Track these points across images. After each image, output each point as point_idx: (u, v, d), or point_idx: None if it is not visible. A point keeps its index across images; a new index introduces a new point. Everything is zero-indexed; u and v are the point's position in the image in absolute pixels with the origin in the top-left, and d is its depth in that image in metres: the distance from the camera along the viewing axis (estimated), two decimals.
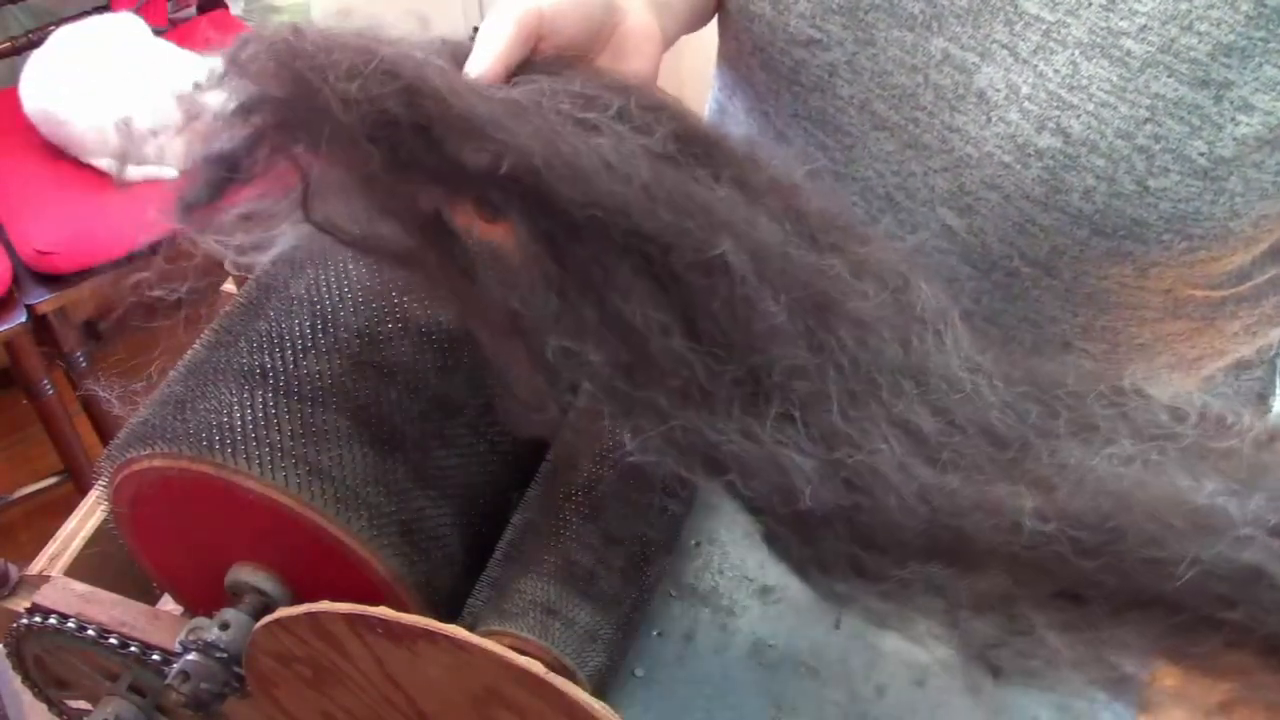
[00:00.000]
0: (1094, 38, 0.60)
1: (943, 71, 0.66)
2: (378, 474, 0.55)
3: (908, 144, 0.69)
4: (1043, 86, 0.62)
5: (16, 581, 0.65)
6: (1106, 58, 0.60)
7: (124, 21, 1.73)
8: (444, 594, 0.58)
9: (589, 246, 0.45)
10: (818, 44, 0.69)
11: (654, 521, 0.60)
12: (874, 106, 0.69)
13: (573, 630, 0.55)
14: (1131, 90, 0.60)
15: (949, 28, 0.65)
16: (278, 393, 0.56)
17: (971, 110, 0.65)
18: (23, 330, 1.62)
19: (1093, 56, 0.61)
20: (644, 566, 0.59)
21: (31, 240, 1.62)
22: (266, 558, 0.58)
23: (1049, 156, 0.62)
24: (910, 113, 0.68)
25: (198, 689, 0.56)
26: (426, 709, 0.55)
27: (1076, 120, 0.61)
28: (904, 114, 0.68)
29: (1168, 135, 0.60)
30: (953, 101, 0.66)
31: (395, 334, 0.59)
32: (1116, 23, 0.60)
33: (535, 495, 0.61)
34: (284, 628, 0.53)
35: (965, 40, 0.64)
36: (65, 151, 1.71)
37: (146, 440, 0.57)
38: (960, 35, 0.65)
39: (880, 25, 0.66)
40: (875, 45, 0.67)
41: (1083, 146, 0.61)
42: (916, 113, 0.67)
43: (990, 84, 0.64)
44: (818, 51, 0.69)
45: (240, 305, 0.63)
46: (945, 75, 0.66)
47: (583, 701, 0.49)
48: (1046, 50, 0.62)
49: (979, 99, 0.65)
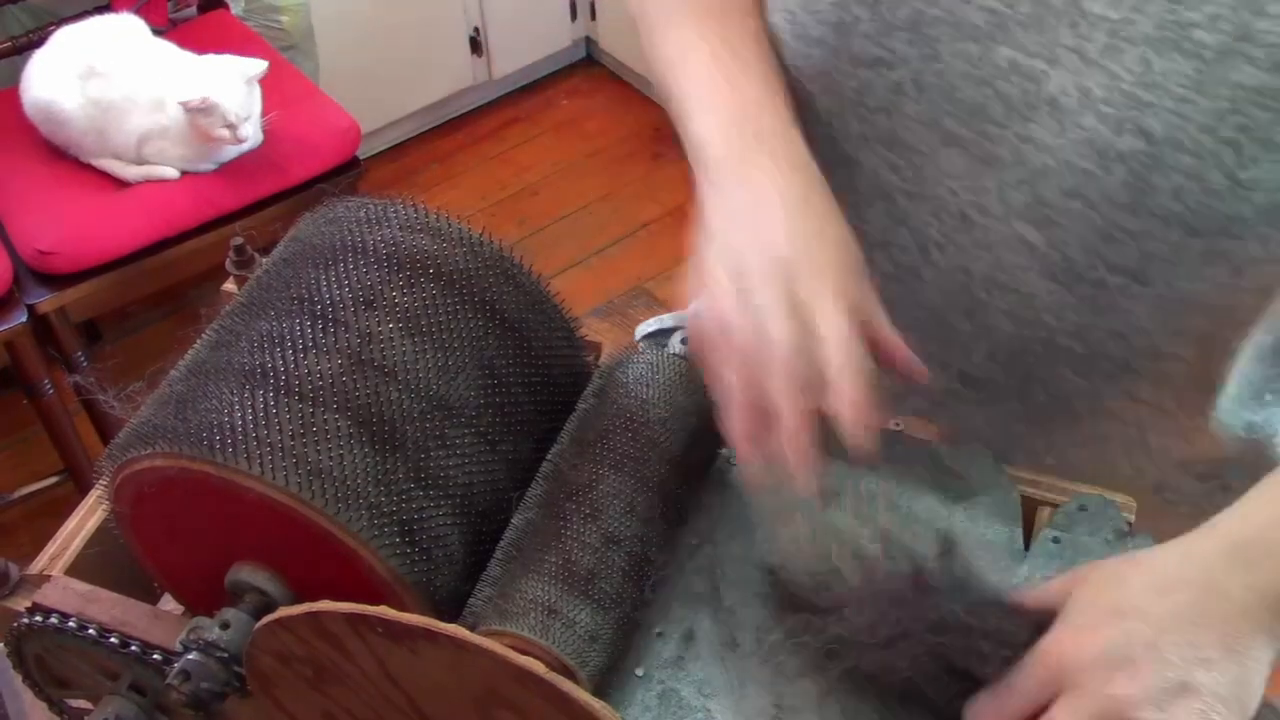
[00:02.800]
0: (1163, 32, 0.58)
1: (1011, 81, 0.63)
2: (378, 474, 0.55)
3: (980, 159, 0.67)
4: (1116, 87, 0.60)
5: (17, 581, 0.65)
6: (1179, 51, 0.58)
7: (124, 21, 1.73)
8: (444, 594, 0.58)
9: None
10: (883, 63, 0.67)
11: (654, 522, 0.60)
12: (943, 123, 0.67)
13: (573, 630, 0.55)
14: (1210, 82, 0.57)
15: (1014, 36, 0.62)
16: (278, 392, 0.56)
17: (1044, 119, 0.63)
18: (23, 330, 1.62)
19: (1164, 51, 0.58)
20: (645, 567, 0.59)
21: (31, 240, 1.62)
22: (267, 557, 0.58)
23: (1132, 159, 0.60)
24: (980, 126, 0.66)
25: (198, 688, 0.56)
26: (427, 709, 0.55)
27: (1156, 119, 0.59)
28: (974, 128, 0.66)
29: (1253, 124, 0.57)
30: (1024, 111, 0.64)
31: (395, 334, 0.59)
32: (1185, 14, 0.57)
33: (536, 495, 0.61)
34: (285, 627, 0.53)
35: (1031, 47, 0.62)
36: (65, 151, 1.71)
37: (147, 440, 0.57)
38: (1026, 43, 0.62)
39: (944, 39, 0.64)
40: (941, 60, 0.65)
41: (1166, 145, 0.59)
42: (987, 126, 0.65)
43: (1061, 90, 0.62)
44: (883, 71, 0.67)
45: (240, 305, 0.63)
46: (1014, 85, 0.63)
47: (583, 701, 0.49)
48: (1115, 49, 0.59)
49: (1051, 106, 0.62)
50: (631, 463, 0.60)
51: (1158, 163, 0.60)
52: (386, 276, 0.61)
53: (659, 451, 0.61)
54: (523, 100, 2.77)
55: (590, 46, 2.85)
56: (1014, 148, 0.65)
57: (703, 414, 0.64)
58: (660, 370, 0.64)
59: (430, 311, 0.60)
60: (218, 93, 1.59)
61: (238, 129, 1.63)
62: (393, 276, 0.61)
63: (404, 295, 0.60)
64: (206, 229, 1.70)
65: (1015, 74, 0.63)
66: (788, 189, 0.61)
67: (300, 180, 1.75)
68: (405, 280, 0.61)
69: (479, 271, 0.62)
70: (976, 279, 0.70)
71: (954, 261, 0.71)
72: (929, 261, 0.72)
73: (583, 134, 2.68)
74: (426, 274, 0.61)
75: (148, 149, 1.66)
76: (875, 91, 0.68)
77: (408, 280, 0.61)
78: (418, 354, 0.59)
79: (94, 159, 1.70)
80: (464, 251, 0.63)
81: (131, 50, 1.67)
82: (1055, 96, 0.62)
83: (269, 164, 1.72)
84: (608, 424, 0.62)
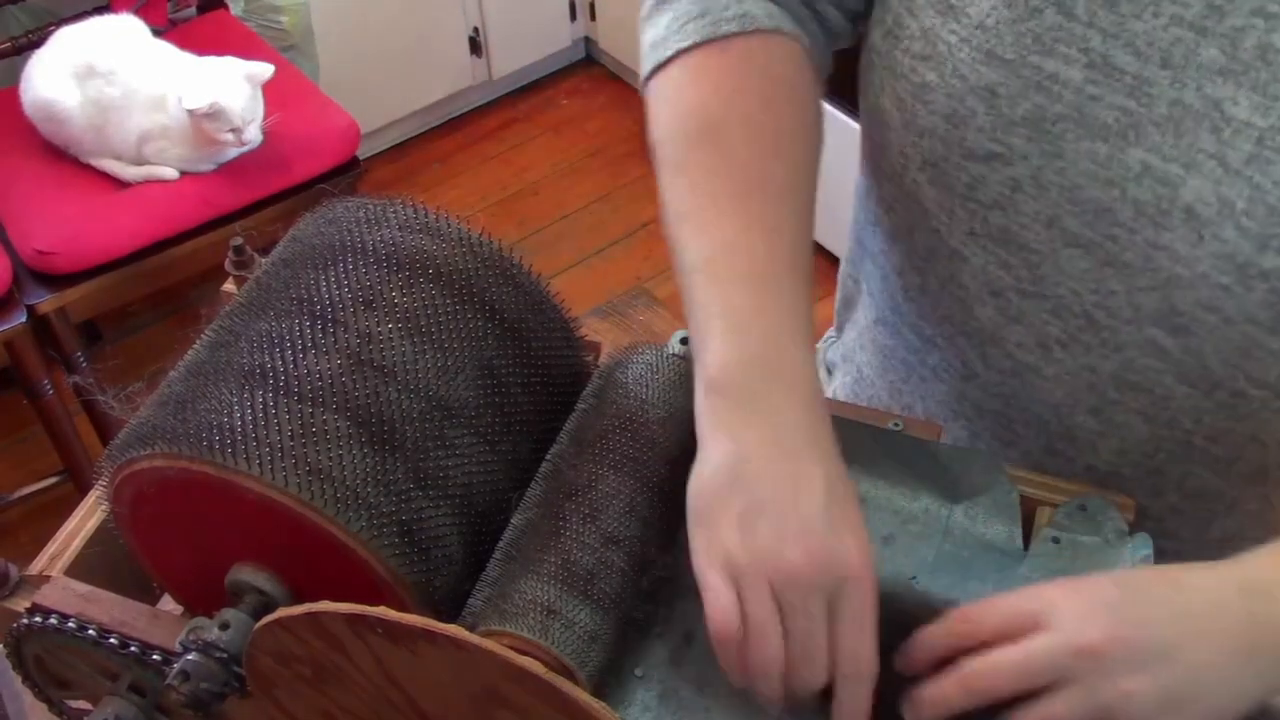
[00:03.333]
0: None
1: (1143, 185, 0.60)
2: (377, 474, 0.55)
3: (1105, 262, 0.63)
4: (1261, 200, 0.56)
5: (16, 581, 0.65)
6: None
7: (124, 21, 1.73)
8: (444, 594, 0.58)
9: None
10: (999, 158, 0.63)
11: (653, 522, 0.60)
12: (1064, 223, 0.63)
13: (573, 631, 0.55)
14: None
15: (1148, 137, 0.59)
16: (277, 393, 0.56)
17: (1179, 227, 0.59)
18: (23, 330, 1.62)
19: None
20: (644, 567, 0.59)
21: (31, 240, 1.62)
22: (267, 558, 0.58)
23: (1276, 278, 0.57)
24: (1108, 229, 0.62)
25: (197, 689, 0.56)
26: (426, 709, 0.55)
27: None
28: (1100, 231, 0.62)
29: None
30: (1156, 218, 0.60)
31: (395, 334, 0.59)
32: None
33: (535, 495, 0.61)
34: (284, 627, 0.53)
35: (1167, 151, 0.58)
36: (65, 151, 1.71)
37: (146, 441, 0.57)
38: (1161, 145, 0.59)
39: (1069, 137, 0.61)
40: (1064, 158, 0.61)
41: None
42: (1115, 229, 0.61)
43: (1199, 198, 0.58)
44: (999, 166, 0.63)
45: (239, 306, 0.63)
46: (1146, 189, 0.60)
47: (583, 702, 0.49)
48: (1262, 160, 0.56)
49: (1186, 215, 0.59)
50: (631, 463, 0.60)
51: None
52: (385, 276, 0.61)
53: (658, 451, 0.61)
54: (522, 100, 2.77)
55: (590, 46, 2.85)
56: (1145, 254, 0.61)
57: None
58: (659, 370, 0.64)
59: (429, 312, 0.60)
60: (225, 97, 1.59)
61: (243, 133, 1.63)
62: (392, 276, 0.61)
63: (403, 295, 0.60)
64: (206, 229, 1.70)
65: (1148, 177, 0.60)
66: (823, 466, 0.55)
67: (300, 180, 1.75)
68: (404, 280, 0.61)
69: (478, 271, 0.62)
70: (1104, 378, 0.67)
71: (1079, 361, 0.67)
72: (1051, 359, 0.69)
73: (583, 134, 2.68)
74: (426, 274, 0.61)
75: (148, 149, 1.66)
76: (989, 187, 0.65)
77: (406, 280, 0.61)
78: (417, 354, 0.59)
79: (94, 159, 1.70)
80: (463, 252, 0.63)
81: (131, 50, 1.67)
82: (1191, 204, 0.59)
83: (269, 164, 1.72)
84: (607, 424, 0.62)
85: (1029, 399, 0.71)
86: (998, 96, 0.62)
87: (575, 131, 2.69)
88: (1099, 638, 0.51)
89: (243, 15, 2.03)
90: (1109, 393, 0.68)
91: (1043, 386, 0.70)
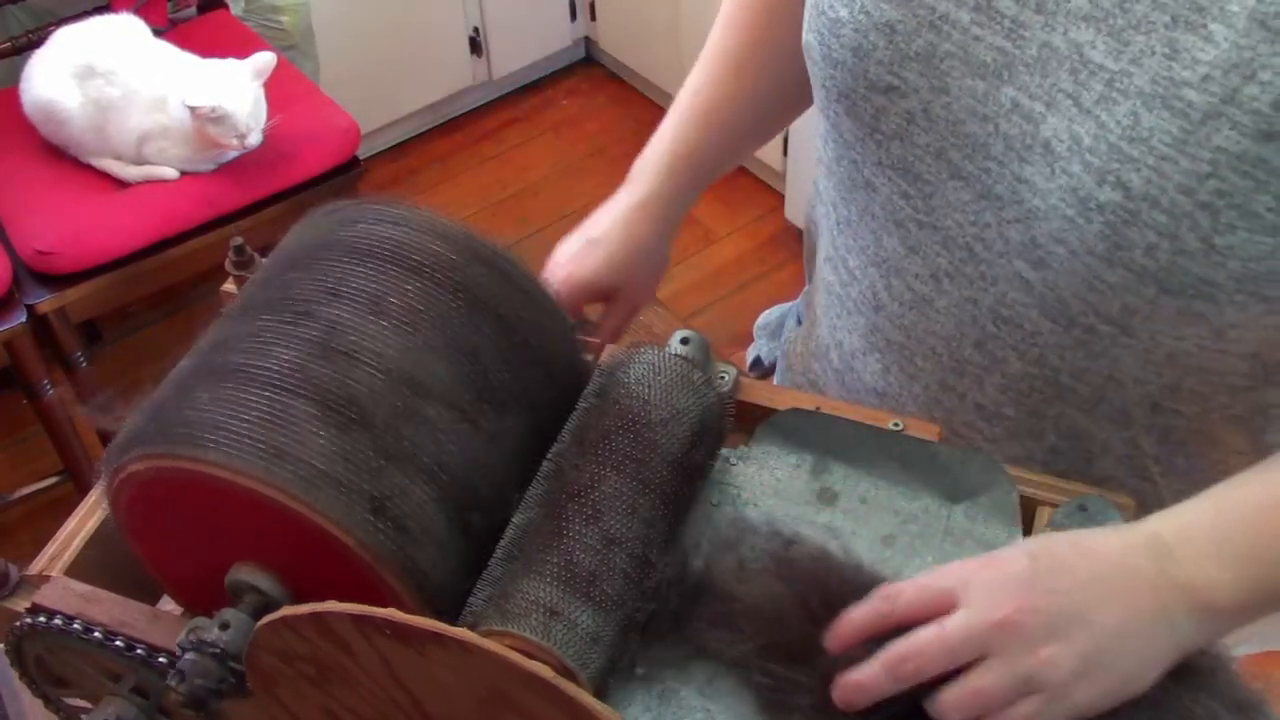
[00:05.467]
0: (1156, 88, 0.58)
1: (1011, 121, 0.64)
2: (344, 452, 0.55)
3: (981, 194, 0.67)
4: (1104, 138, 0.60)
5: (16, 581, 0.65)
6: (1168, 109, 0.58)
7: (124, 21, 1.73)
8: (431, 571, 0.57)
9: None
10: (896, 90, 0.68)
11: (655, 523, 0.60)
12: (949, 155, 0.68)
13: (575, 632, 0.55)
14: (1192, 143, 0.57)
15: (1018, 76, 0.63)
16: (244, 384, 0.57)
17: (1038, 161, 0.63)
18: (23, 330, 1.62)
19: (1154, 107, 0.58)
20: (646, 568, 0.59)
21: (31, 240, 1.62)
22: (258, 555, 0.58)
23: (1110, 211, 0.60)
24: (983, 163, 0.66)
25: (194, 687, 0.56)
26: (431, 710, 0.55)
27: (1136, 174, 0.59)
28: (977, 164, 0.66)
29: (1232, 190, 0.57)
30: (1021, 152, 0.64)
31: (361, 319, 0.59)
32: (1179, 72, 0.57)
33: (536, 495, 0.61)
34: (289, 626, 0.53)
35: (1033, 89, 0.63)
36: (65, 151, 1.71)
37: (130, 445, 0.58)
38: (1029, 84, 0.63)
39: (954, 74, 0.65)
40: (949, 94, 0.66)
41: (1143, 202, 0.59)
42: (988, 163, 0.66)
43: (1055, 134, 0.62)
44: (896, 99, 0.68)
45: (222, 316, 0.65)
46: (1014, 125, 0.64)
47: (590, 706, 0.49)
48: (1109, 100, 0.60)
49: (1045, 150, 0.63)
50: (633, 464, 0.60)
51: (1134, 218, 0.60)
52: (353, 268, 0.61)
53: (660, 452, 0.61)
54: (522, 100, 2.77)
55: (590, 46, 2.85)
56: (1011, 186, 0.65)
57: (704, 415, 0.64)
58: (661, 371, 0.64)
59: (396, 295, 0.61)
60: (230, 101, 1.59)
61: (247, 138, 1.63)
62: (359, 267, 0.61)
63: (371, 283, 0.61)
64: (206, 229, 1.71)
65: (1016, 113, 0.64)
66: None
67: (300, 180, 1.76)
68: (373, 269, 0.61)
69: (447, 254, 0.63)
70: (984, 311, 0.70)
71: (963, 293, 0.71)
72: (941, 290, 0.72)
73: (583, 134, 2.68)
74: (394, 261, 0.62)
75: (148, 149, 1.66)
76: (889, 118, 0.69)
77: (375, 269, 0.61)
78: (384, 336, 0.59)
79: (94, 159, 1.70)
80: (432, 237, 0.63)
81: (131, 50, 1.67)
82: (1049, 140, 0.63)
83: (269, 164, 1.72)
84: (609, 424, 0.62)
85: (925, 330, 0.75)
86: (896, 32, 0.67)
87: (575, 131, 2.69)
88: (1012, 610, 0.53)
89: (243, 15, 2.03)
90: (989, 326, 0.71)
91: (935, 319, 0.74)
